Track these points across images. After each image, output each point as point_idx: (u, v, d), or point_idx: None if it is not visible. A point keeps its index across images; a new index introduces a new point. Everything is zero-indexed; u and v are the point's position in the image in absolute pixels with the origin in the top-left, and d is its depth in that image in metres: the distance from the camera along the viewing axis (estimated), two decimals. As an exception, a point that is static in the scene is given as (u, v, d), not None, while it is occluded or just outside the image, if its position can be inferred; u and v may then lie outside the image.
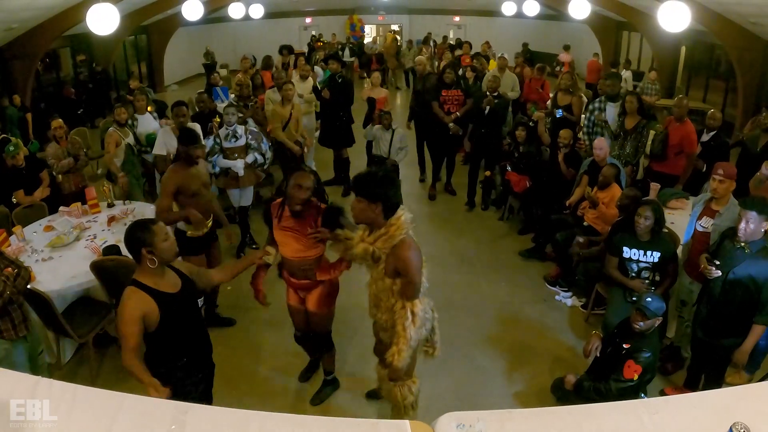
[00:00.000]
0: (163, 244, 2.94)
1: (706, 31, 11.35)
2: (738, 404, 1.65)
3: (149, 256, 2.92)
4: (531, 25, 20.47)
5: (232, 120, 6.09)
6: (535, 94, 9.55)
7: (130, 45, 17.16)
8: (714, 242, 4.04)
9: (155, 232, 2.92)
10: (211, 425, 1.58)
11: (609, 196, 5.53)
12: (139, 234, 2.91)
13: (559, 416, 1.65)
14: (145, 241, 2.90)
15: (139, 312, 2.89)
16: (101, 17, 5.75)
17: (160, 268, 2.99)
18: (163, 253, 2.95)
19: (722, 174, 4.14)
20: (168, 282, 3.06)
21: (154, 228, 2.93)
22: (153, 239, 2.90)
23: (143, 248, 2.90)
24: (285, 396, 4.46)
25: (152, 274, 3.00)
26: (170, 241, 3.01)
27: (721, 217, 4.14)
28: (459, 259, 6.58)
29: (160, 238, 2.93)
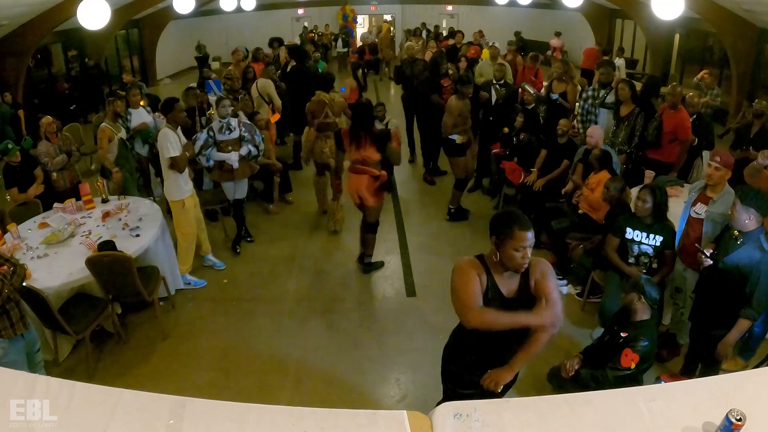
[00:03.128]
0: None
1: (699, 18, 11.34)
2: (734, 391, 1.66)
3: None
4: (524, 14, 20.39)
5: (225, 112, 6.05)
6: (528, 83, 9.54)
7: (122, 39, 17.06)
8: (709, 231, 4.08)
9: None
10: (209, 419, 1.58)
11: (597, 180, 5.58)
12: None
13: (556, 404, 1.65)
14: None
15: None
16: (92, 12, 5.70)
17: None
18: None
19: (719, 161, 4.13)
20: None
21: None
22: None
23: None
24: (282, 389, 4.47)
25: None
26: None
27: (714, 204, 4.15)
28: (454, 248, 6.59)
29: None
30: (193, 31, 19.99)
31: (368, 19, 25.75)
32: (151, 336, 5.12)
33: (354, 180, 5.66)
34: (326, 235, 7.11)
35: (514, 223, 2.64)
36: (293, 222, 7.44)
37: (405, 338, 5.01)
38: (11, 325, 3.66)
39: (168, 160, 5.42)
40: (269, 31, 15.48)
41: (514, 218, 2.67)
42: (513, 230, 2.62)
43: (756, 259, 3.46)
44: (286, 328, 5.24)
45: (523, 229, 2.63)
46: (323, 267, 6.30)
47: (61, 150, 6.34)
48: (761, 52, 10.95)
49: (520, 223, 2.64)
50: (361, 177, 5.59)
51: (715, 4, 10.46)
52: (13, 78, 11.19)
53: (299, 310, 5.51)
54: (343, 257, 6.52)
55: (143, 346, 4.99)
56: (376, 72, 19.33)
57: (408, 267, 6.25)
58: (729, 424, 1.48)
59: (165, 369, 4.71)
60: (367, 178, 5.58)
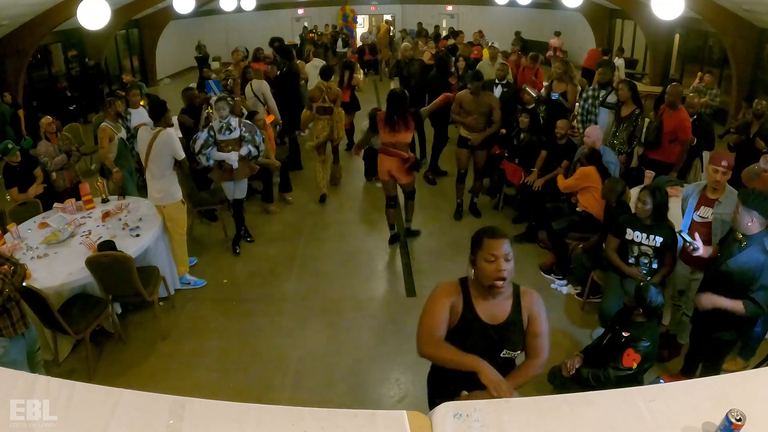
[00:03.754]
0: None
1: (699, 18, 11.33)
2: (734, 391, 1.66)
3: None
4: (524, 14, 20.38)
5: (223, 113, 6.01)
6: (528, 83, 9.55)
7: (122, 39, 17.03)
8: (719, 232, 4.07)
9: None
10: (208, 419, 1.58)
11: (581, 171, 5.77)
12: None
13: (556, 404, 1.65)
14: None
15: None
16: (92, 12, 5.71)
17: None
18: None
19: (726, 165, 4.12)
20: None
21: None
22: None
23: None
24: (282, 388, 4.47)
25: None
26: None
27: (721, 205, 4.14)
28: (454, 248, 6.59)
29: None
30: (193, 31, 19.98)
31: (368, 19, 25.76)
32: (151, 336, 5.12)
33: (386, 161, 6.20)
34: (326, 235, 7.11)
35: (483, 234, 2.51)
36: (293, 222, 7.44)
37: (405, 338, 5.01)
38: (12, 324, 3.66)
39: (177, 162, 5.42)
40: (269, 31, 15.48)
41: (484, 229, 2.54)
42: (482, 240, 2.48)
43: (761, 261, 3.43)
44: (286, 328, 5.24)
45: (492, 237, 2.47)
46: (323, 267, 6.30)
47: (61, 150, 6.34)
48: (761, 52, 10.94)
49: (490, 232, 2.50)
50: (392, 159, 6.13)
51: (715, 4, 10.45)
52: (13, 78, 11.17)
53: (299, 310, 5.51)
54: (343, 257, 6.52)
55: (143, 346, 4.99)
56: (376, 72, 19.32)
57: (408, 267, 6.26)
58: (729, 424, 1.48)
59: (165, 369, 4.71)
60: (397, 160, 6.12)
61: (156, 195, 5.53)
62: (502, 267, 2.42)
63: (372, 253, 6.65)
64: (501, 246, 2.44)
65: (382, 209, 6.84)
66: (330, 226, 7.37)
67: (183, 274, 5.88)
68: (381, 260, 6.47)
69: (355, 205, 8.09)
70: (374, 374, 4.64)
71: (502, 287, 2.46)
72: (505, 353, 2.58)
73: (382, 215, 7.43)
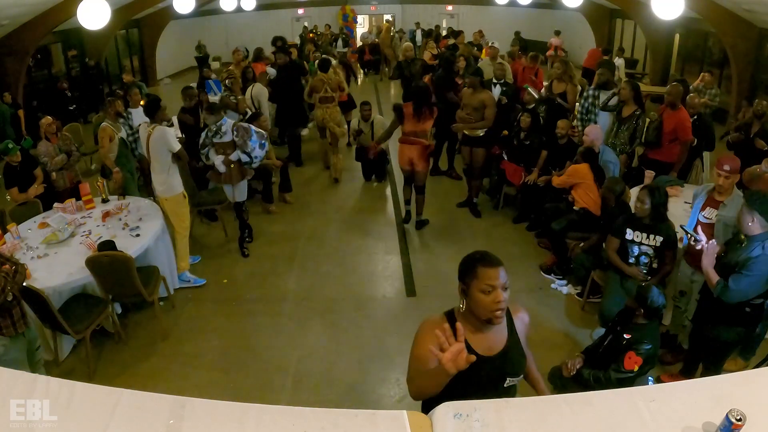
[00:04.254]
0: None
1: (699, 18, 11.34)
2: (734, 391, 1.66)
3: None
4: (524, 14, 20.39)
5: (214, 118, 5.93)
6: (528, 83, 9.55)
7: (122, 39, 17.05)
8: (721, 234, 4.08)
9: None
10: (209, 418, 1.58)
11: (573, 167, 5.87)
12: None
13: (556, 404, 1.65)
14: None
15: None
16: (92, 12, 5.71)
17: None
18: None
19: (729, 170, 4.14)
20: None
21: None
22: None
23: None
24: (282, 389, 4.47)
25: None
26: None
27: (726, 208, 4.15)
28: (454, 248, 6.59)
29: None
30: (193, 31, 19.99)
31: (368, 19, 25.76)
32: (151, 336, 5.12)
33: (406, 149, 6.62)
34: (326, 234, 7.11)
35: (477, 262, 2.24)
36: (293, 222, 7.44)
37: (405, 338, 4.97)
38: (13, 324, 3.67)
39: (174, 155, 5.49)
40: (269, 31, 15.49)
41: (477, 256, 2.27)
42: (476, 269, 2.21)
43: (755, 255, 3.45)
44: (286, 328, 5.24)
45: (487, 266, 2.20)
46: (323, 267, 6.30)
47: (61, 150, 6.34)
48: (761, 52, 10.94)
49: (484, 260, 2.23)
50: (413, 146, 6.55)
51: (715, 4, 10.45)
52: (13, 78, 11.18)
53: (299, 310, 5.51)
54: (343, 257, 6.52)
55: (143, 346, 4.99)
56: (376, 72, 19.33)
57: (408, 267, 6.26)
58: (729, 424, 1.48)
59: (165, 369, 4.71)
60: (418, 147, 6.55)
61: (159, 188, 5.71)
62: (500, 298, 2.18)
63: (372, 253, 6.65)
64: (498, 274, 2.19)
65: (382, 209, 7.10)
66: (330, 226, 7.37)
67: (183, 270, 5.90)
68: (381, 260, 6.47)
69: (355, 206, 8.09)
70: (374, 374, 4.64)
71: (501, 319, 2.23)
72: (509, 381, 2.36)
73: (381, 215, 7.43)
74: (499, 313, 2.19)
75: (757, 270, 3.42)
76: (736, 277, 3.46)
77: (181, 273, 5.89)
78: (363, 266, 6.37)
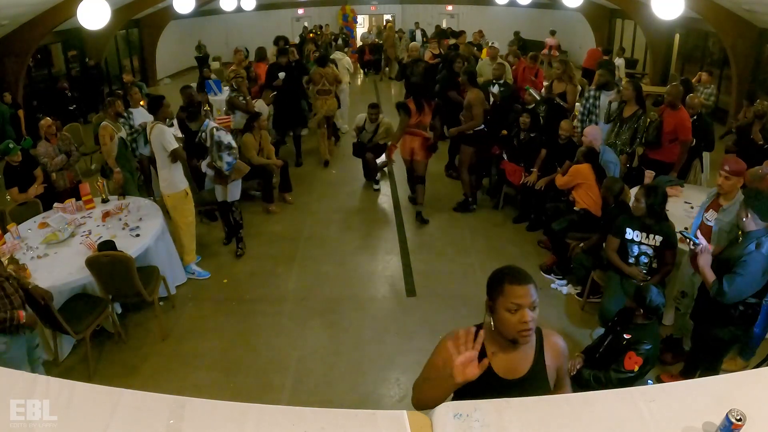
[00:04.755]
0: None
1: (699, 18, 11.33)
2: (734, 391, 1.66)
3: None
4: (524, 14, 20.38)
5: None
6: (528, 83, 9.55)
7: (122, 39, 17.03)
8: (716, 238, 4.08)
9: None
10: (208, 418, 1.58)
11: (575, 168, 5.84)
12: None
13: (557, 404, 1.65)
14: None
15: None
16: (92, 12, 5.72)
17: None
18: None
19: (728, 170, 4.13)
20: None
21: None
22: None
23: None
24: (282, 389, 4.47)
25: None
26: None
27: (725, 212, 4.14)
28: (454, 248, 6.60)
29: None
30: (193, 31, 19.98)
31: (368, 19, 25.76)
32: (151, 336, 5.12)
33: (408, 140, 7.03)
34: (326, 235, 7.11)
35: (504, 277, 2.08)
36: (293, 222, 7.44)
37: (405, 338, 5.01)
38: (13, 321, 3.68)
39: (170, 154, 5.50)
40: (269, 31, 15.49)
41: (505, 272, 2.12)
42: (503, 286, 2.06)
43: (749, 251, 3.45)
44: (286, 328, 5.24)
45: (515, 283, 2.05)
46: (323, 267, 6.30)
47: (61, 150, 6.34)
48: (761, 52, 10.94)
49: (512, 276, 2.07)
50: (415, 138, 6.96)
51: (715, 4, 10.45)
52: (13, 78, 11.17)
53: (299, 310, 5.51)
54: (343, 257, 6.52)
55: (143, 346, 4.99)
56: (376, 72, 19.33)
57: (408, 267, 6.25)
58: (729, 424, 1.48)
59: (165, 369, 4.70)
60: (419, 138, 6.95)
61: (162, 184, 5.78)
62: (527, 318, 2.02)
63: (372, 253, 6.65)
64: (527, 293, 2.03)
65: (382, 210, 7.20)
66: (330, 226, 7.37)
67: (189, 263, 5.98)
68: (381, 260, 6.47)
69: (355, 206, 8.09)
70: (374, 374, 4.63)
71: (528, 339, 2.10)
72: None
73: (382, 215, 7.44)
74: (526, 334, 2.05)
75: (750, 268, 3.42)
76: (730, 278, 3.46)
77: (187, 265, 5.97)
78: (363, 266, 6.37)
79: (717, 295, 3.53)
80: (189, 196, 5.87)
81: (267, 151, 7.50)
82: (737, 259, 3.48)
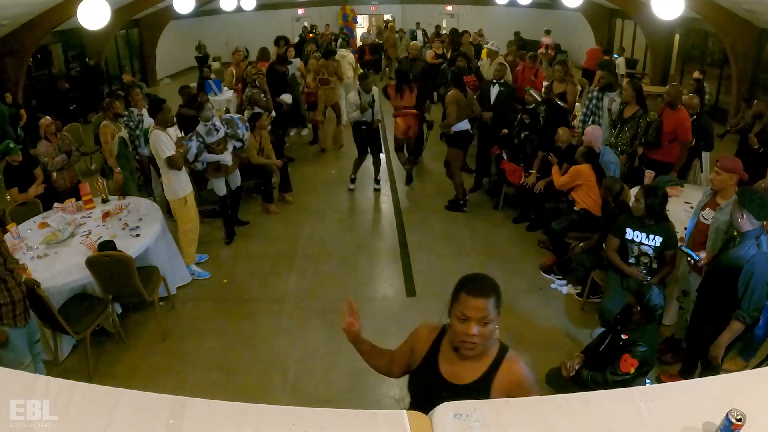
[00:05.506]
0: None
1: (699, 18, 11.33)
2: (734, 391, 1.66)
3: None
4: (524, 14, 20.36)
5: (210, 115, 6.14)
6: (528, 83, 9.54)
7: (122, 39, 17.04)
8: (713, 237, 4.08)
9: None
10: (209, 418, 1.58)
11: (575, 169, 5.82)
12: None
13: (556, 404, 1.65)
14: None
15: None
16: (92, 12, 5.72)
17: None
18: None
19: (718, 166, 4.15)
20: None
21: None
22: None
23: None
24: (283, 388, 4.47)
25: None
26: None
27: (721, 211, 4.14)
28: (454, 248, 6.60)
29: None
30: (193, 31, 19.99)
31: (368, 19, 25.76)
32: (151, 336, 5.12)
33: (401, 121, 8.03)
34: (326, 235, 7.12)
35: (464, 286, 2.04)
36: (293, 222, 7.44)
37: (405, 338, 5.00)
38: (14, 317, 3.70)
39: (165, 161, 5.51)
40: (269, 31, 15.50)
41: (468, 279, 2.08)
42: (460, 293, 2.02)
43: (750, 255, 3.45)
44: (286, 328, 5.23)
45: (471, 294, 1.99)
46: (323, 267, 6.30)
47: (61, 150, 6.34)
48: (761, 52, 10.94)
49: (471, 286, 2.02)
50: (406, 118, 7.98)
51: (715, 4, 10.45)
52: (13, 78, 11.18)
53: (299, 310, 5.51)
54: (343, 257, 6.52)
55: (143, 346, 4.99)
56: (376, 71, 19.32)
57: (408, 267, 6.25)
58: (729, 424, 1.48)
59: (165, 369, 4.70)
60: (410, 117, 7.98)
61: (164, 188, 5.88)
62: (472, 331, 1.98)
63: (372, 253, 6.65)
64: (479, 308, 1.98)
65: (382, 210, 7.27)
66: (330, 226, 7.37)
67: (189, 264, 6.03)
68: (381, 260, 6.47)
69: (355, 206, 8.09)
70: (374, 374, 4.60)
71: (470, 353, 2.06)
72: None
73: (382, 216, 7.44)
74: (469, 347, 2.03)
75: (757, 279, 3.43)
76: (746, 301, 3.49)
77: (187, 266, 6.00)
78: (363, 266, 6.37)
79: (744, 320, 3.56)
80: (189, 204, 5.87)
81: (267, 151, 7.52)
82: (737, 261, 3.48)
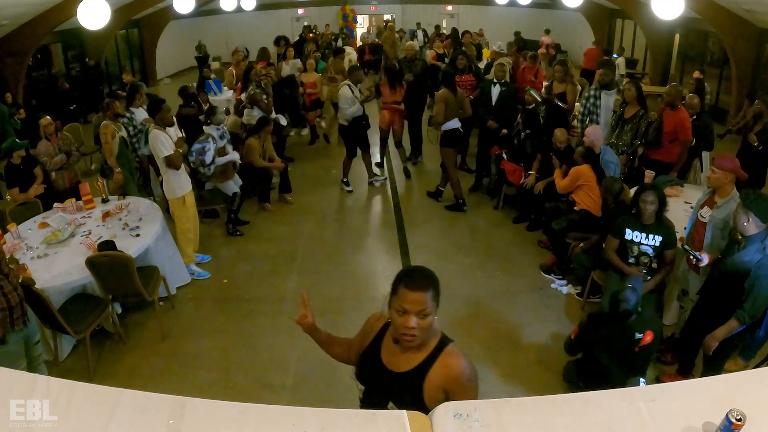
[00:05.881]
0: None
1: (699, 18, 11.33)
2: (734, 391, 1.66)
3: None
4: (524, 14, 20.34)
5: (222, 118, 6.23)
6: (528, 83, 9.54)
7: (122, 39, 17.04)
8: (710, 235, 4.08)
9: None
10: (209, 418, 1.58)
11: (575, 170, 5.79)
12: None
13: (556, 404, 1.65)
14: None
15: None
16: (92, 12, 5.72)
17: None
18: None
19: (713, 165, 4.16)
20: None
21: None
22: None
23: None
24: (283, 389, 4.47)
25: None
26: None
27: (718, 209, 4.14)
28: (454, 248, 6.59)
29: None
30: (193, 31, 19.98)
31: (368, 19, 25.75)
32: (151, 336, 5.12)
33: (388, 114, 8.66)
34: (326, 234, 7.13)
35: (402, 279, 2.07)
36: (293, 221, 7.44)
37: (405, 338, 5.00)
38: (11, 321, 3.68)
39: (164, 160, 5.50)
40: (269, 31, 15.51)
41: (406, 273, 2.12)
42: (399, 286, 2.05)
43: (755, 260, 3.44)
44: (286, 328, 5.22)
45: (408, 288, 2.02)
46: (323, 267, 6.30)
47: (61, 150, 6.34)
48: (761, 52, 10.94)
49: (409, 280, 2.05)
50: (393, 112, 8.62)
51: (715, 4, 10.44)
52: (13, 78, 11.17)
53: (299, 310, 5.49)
54: (343, 257, 6.52)
55: (143, 346, 4.99)
56: (376, 72, 19.32)
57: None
58: (729, 424, 1.48)
59: (165, 369, 4.70)
60: (398, 112, 8.61)
61: (164, 187, 5.86)
62: (410, 324, 2.01)
63: (372, 253, 6.66)
64: (416, 301, 2.01)
65: (382, 210, 7.27)
66: (330, 226, 7.38)
67: (189, 264, 6.01)
68: (381, 260, 6.47)
69: (355, 206, 8.09)
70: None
71: (411, 344, 2.10)
72: (391, 407, 2.18)
73: (381, 215, 7.44)
74: (408, 339, 2.06)
75: (762, 283, 3.43)
76: (749, 303, 3.49)
77: (187, 266, 5.99)
78: (363, 266, 6.37)
79: (751, 319, 3.56)
80: (187, 203, 5.85)
81: (269, 154, 7.53)
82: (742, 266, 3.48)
